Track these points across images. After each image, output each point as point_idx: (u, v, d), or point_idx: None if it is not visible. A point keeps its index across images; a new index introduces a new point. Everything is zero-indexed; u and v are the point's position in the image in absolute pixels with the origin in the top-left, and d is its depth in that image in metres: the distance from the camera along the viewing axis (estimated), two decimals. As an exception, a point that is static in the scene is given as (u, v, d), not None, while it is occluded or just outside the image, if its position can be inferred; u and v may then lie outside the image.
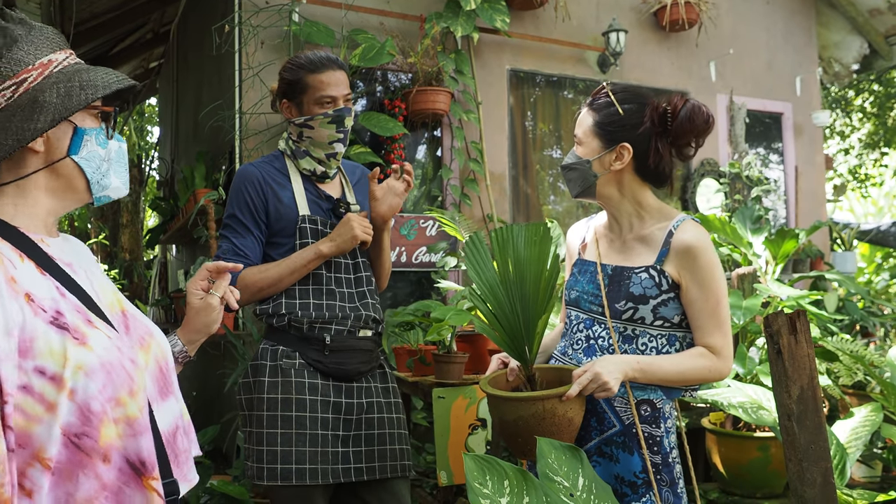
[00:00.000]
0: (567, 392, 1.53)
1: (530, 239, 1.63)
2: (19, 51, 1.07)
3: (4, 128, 1.05)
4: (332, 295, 2.03)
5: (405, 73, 4.53)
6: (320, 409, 1.96)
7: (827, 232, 6.30)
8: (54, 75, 1.09)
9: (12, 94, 1.06)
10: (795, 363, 1.15)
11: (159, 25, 7.04)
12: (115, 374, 1.04)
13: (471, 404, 2.84)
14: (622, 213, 1.77)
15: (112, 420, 1.02)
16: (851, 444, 2.47)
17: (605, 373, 1.54)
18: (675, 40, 5.55)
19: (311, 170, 2.09)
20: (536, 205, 5.06)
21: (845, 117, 10.63)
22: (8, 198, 1.11)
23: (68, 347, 1.01)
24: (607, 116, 1.73)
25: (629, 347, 1.68)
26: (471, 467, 1.31)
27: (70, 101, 1.08)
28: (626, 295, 1.68)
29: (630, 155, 1.71)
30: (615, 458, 1.68)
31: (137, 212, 9.93)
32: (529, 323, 1.59)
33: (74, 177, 1.15)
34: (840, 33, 6.61)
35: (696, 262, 1.64)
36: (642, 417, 1.67)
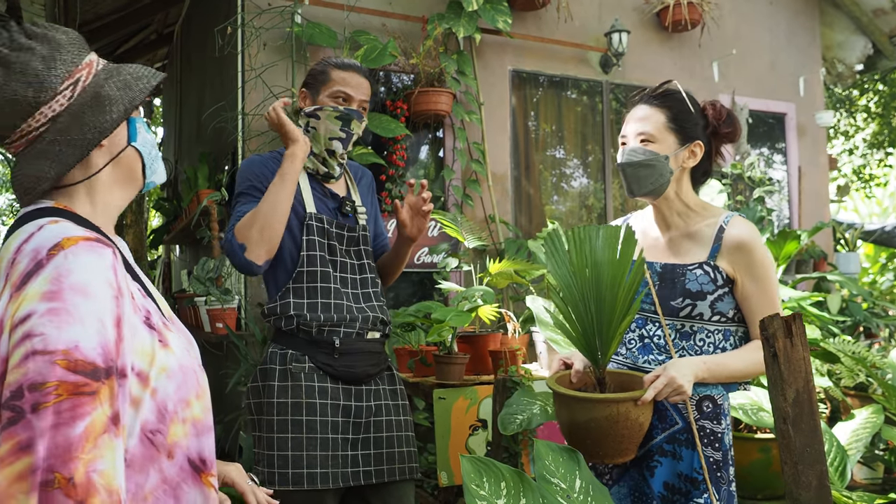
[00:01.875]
0: (643, 396, 1.53)
1: (608, 241, 1.60)
2: (67, 53, 1.10)
3: (78, 125, 1.08)
4: (339, 296, 2.02)
5: (407, 74, 4.54)
6: (330, 412, 1.95)
7: (830, 232, 6.28)
8: (101, 72, 1.13)
9: (72, 94, 1.09)
10: (791, 366, 1.15)
11: (163, 27, 7.06)
12: (187, 376, 1.10)
13: (471, 405, 2.85)
14: (672, 211, 1.79)
15: (181, 420, 1.07)
16: (852, 445, 2.47)
17: (679, 376, 1.54)
18: (677, 41, 5.54)
19: (314, 169, 2.09)
20: (539, 205, 5.06)
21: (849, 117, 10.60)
22: (82, 197, 1.14)
23: (156, 349, 1.06)
24: (682, 112, 1.74)
25: (686, 344, 1.69)
26: (468, 469, 1.31)
27: (131, 91, 1.13)
28: (683, 292, 1.69)
29: (702, 152, 1.74)
30: (678, 455, 1.68)
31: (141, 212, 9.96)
32: (604, 325, 1.57)
33: (135, 163, 1.19)
34: (844, 33, 6.59)
35: (750, 256, 1.67)
36: (704, 414, 1.68)
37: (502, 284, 3.39)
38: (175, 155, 7.12)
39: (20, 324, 0.92)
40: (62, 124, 1.08)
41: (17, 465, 0.86)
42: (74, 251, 0.97)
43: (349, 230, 2.08)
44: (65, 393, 0.89)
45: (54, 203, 1.11)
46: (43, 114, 1.08)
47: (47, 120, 1.08)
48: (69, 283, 0.94)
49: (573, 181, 5.24)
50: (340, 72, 2.04)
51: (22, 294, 0.95)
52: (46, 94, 1.07)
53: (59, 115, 1.08)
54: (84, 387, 0.90)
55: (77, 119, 1.08)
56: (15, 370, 0.90)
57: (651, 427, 1.69)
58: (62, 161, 1.08)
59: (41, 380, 0.89)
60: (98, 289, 0.96)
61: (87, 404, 0.90)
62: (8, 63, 1.06)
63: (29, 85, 1.06)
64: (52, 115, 1.08)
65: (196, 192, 4.59)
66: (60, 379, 0.89)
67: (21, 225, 1.07)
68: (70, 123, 1.08)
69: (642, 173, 1.75)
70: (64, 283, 0.94)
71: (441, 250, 4.21)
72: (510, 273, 3.28)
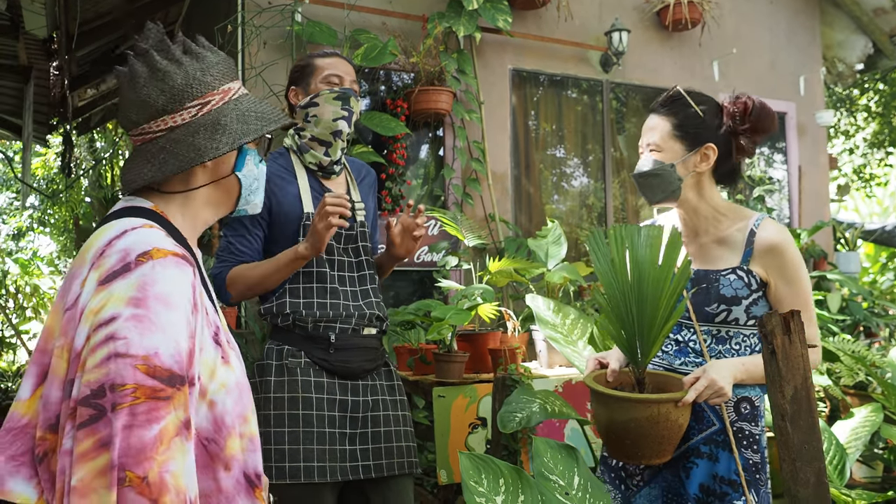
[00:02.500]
0: (684, 398, 1.53)
1: (650, 241, 1.59)
2: (210, 76, 1.18)
3: (186, 142, 1.15)
4: (335, 293, 2.03)
5: (407, 73, 4.54)
6: (327, 407, 1.97)
7: (831, 232, 6.28)
8: (232, 102, 1.21)
9: (197, 112, 1.17)
10: (789, 363, 1.15)
11: (164, 25, 7.06)
12: (244, 393, 1.16)
13: (471, 403, 2.85)
14: (699, 216, 1.77)
15: (238, 434, 1.12)
16: (851, 444, 2.47)
17: (719, 378, 1.54)
18: (677, 40, 5.54)
19: (317, 162, 2.09)
20: (539, 204, 5.06)
21: (850, 116, 10.60)
22: (176, 206, 1.21)
23: (217, 364, 1.11)
24: (688, 118, 1.73)
25: (723, 349, 1.69)
26: (466, 466, 1.31)
27: (248, 126, 1.20)
28: (717, 297, 1.68)
29: (715, 155, 1.72)
30: (715, 457, 1.67)
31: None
32: (646, 325, 1.56)
33: (233, 190, 1.26)
34: (844, 32, 6.59)
35: (783, 258, 1.66)
36: (742, 415, 1.67)
37: (502, 283, 3.39)
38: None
39: (104, 325, 0.97)
40: (177, 136, 1.16)
41: (99, 460, 0.91)
42: (162, 263, 1.03)
43: (347, 228, 2.08)
44: (142, 396, 0.94)
45: (153, 206, 1.18)
46: (164, 121, 1.16)
47: (166, 128, 1.16)
48: (154, 292, 1.00)
49: (573, 180, 5.24)
50: (325, 59, 2.10)
51: (107, 291, 0.99)
52: (174, 106, 1.15)
53: (178, 127, 1.16)
54: (160, 392, 0.95)
55: (190, 136, 1.16)
56: (96, 370, 0.95)
57: (688, 428, 1.68)
58: (160, 169, 1.15)
59: (121, 381, 0.94)
60: (179, 301, 1.02)
61: (162, 408, 0.95)
62: (155, 69, 1.15)
63: (163, 93, 1.15)
64: (173, 125, 1.16)
65: (196, 190, 4.59)
66: (139, 382, 0.94)
67: (118, 217, 1.12)
68: (183, 139, 1.16)
69: (651, 182, 1.76)
70: (149, 291, 1.00)
71: (441, 248, 4.21)
72: (510, 272, 3.28)
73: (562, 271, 3.16)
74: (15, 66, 5.94)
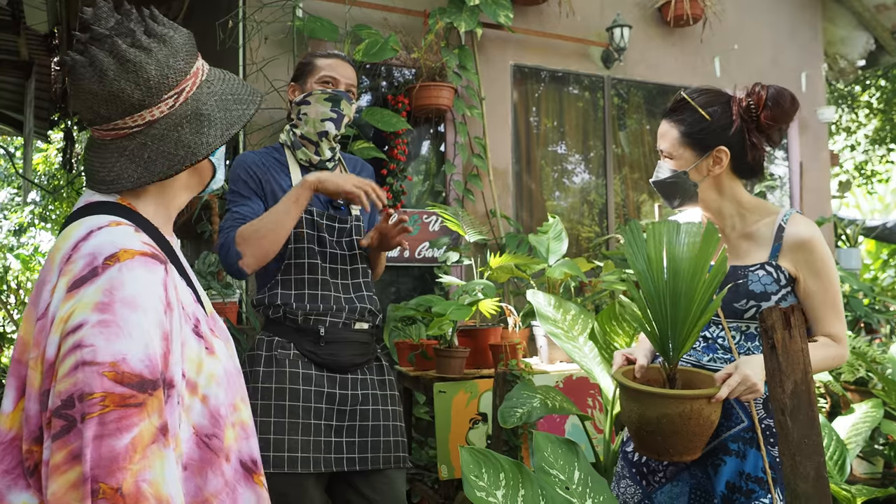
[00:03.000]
0: (717, 394, 1.52)
1: (690, 236, 1.58)
2: (181, 60, 1.10)
3: (173, 139, 1.09)
4: (326, 286, 2.05)
5: (408, 69, 4.53)
6: (314, 398, 1.99)
7: (832, 228, 6.28)
8: (204, 85, 1.14)
9: (174, 103, 1.10)
10: (789, 358, 1.15)
11: (164, 20, 7.05)
12: (232, 381, 1.14)
13: (472, 399, 2.85)
14: (724, 213, 1.77)
15: (231, 424, 1.10)
16: (851, 440, 2.47)
17: (752, 374, 1.53)
18: (679, 36, 5.53)
19: (307, 159, 2.12)
20: (540, 200, 5.06)
21: (851, 113, 10.59)
22: (150, 197, 1.15)
23: (203, 357, 1.08)
24: (694, 124, 1.72)
25: (752, 345, 1.68)
26: (467, 460, 1.32)
27: (230, 114, 1.14)
28: (747, 293, 1.67)
29: (728, 157, 1.71)
30: (743, 454, 1.66)
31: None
32: (679, 320, 1.55)
33: (207, 172, 1.22)
34: (846, 29, 6.58)
35: (812, 254, 1.65)
36: (771, 413, 1.66)
37: (503, 279, 3.39)
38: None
39: (71, 333, 0.94)
40: (158, 131, 1.09)
41: (71, 473, 0.88)
42: (130, 265, 0.99)
43: (340, 221, 2.10)
44: (111, 404, 0.91)
45: (119, 198, 1.12)
46: (142, 116, 1.08)
47: (144, 122, 1.09)
48: (121, 296, 0.96)
49: (574, 176, 5.24)
50: (325, 59, 2.13)
51: (75, 298, 0.96)
52: (151, 100, 1.08)
53: (157, 121, 1.09)
54: (130, 399, 0.92)
55: (174, 132, 1.10)
56: (65, 379, 0.92)
57: (717, 425, 1.66)
58: (150, 170, 1.09)
59: (88, 390, 0.91)
60: (148, 303, 0.98)
61: (133, 416, 0.92)
62: (124, 59, 1.05)
63: (138, 87, 1.06)
64: (151, 119, 1.09)
65: (197, 186, 4.59)
66: (107, 390, 0.91)
67: (83, 216, 1.07)
68: (166, 134, 1.09)
69: (668, 189, 1.78)
70: (116, 295, 0.96)
71: (442, 244, 4.21)
72: (511, 267, 3.29)
73: (563, 267, 3.16)
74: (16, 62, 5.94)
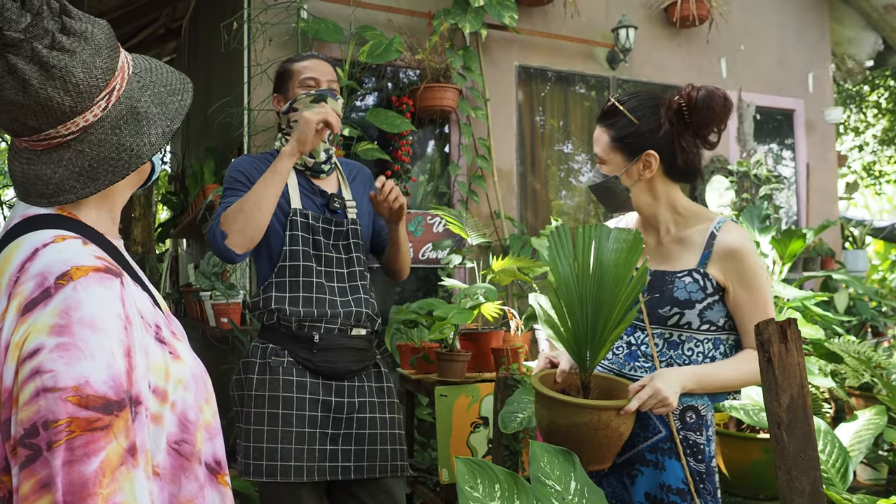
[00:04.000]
0: (626, 406, 1.50)
1: (619, 244, 1.55)
2: (105, 58, 1.03)
3: (113, 143, 1.03)
4: (321, 290, 2.03)
5: (413, 70, 4.53)
6: (308, 406, 1.97)
7: (839, 229, 6.25)
8: (132, 78, 1.07)
9: (106, 104, 1.03)
10: (785, 372, 1.15)
11: (171, 20, 7.07)
12: (198, 383, 1.10)
13: (473, 402, 2.85)
14: (659, 218, 1.74)
15: (198, 426, 1.08)
16: (854, 447, 2.46)
17: (664, 388, 1.51)
18: (685, 36, 5.51)
19: (303, 163, 2.11)
20: (545, 200, 5.05)
21: (860, 113, 10.52)
22: (91, 202, 1.09)
23: (168, 362, 1.04)
24: (623, 129, 1.70)
25: (675, 353, 1.65)
26: (462, 470, 1.31)
27: (167, 109, 1.08)
28: (671, 300, 1.64)
29: (657, 161, 1.68)
30: (661, 465, 1.64)
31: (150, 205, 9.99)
32: (598, 329, 1.53)
33: (146, 167, 1.16)
34: (854, 29, 6.54)
35: (742, 264, 1.62)
36: (687, 424, 1.63)
37: (506, 282, 3.39)
38: (182, 148, 7.14)
39: (28, 358, 0.90)
40: (95, 136, 1.03)
41: (41, 502, 0.86)
42: (84, 283, 0.94)
43: (336, 224, 2.09)
44: (77, 429, 0.88)
45: (58, 209, 1.06)
46: (75, 123, 1.01)
47: (78, 129, 1.02)
48: (78, 316, 0.92)
49: (580, 177, 5.23)
50: (300, 63, 2.11)
51: (29, 321, 0.92)
52: (84, 105, 1.00)
53: (92, 125, 1.02)
54: (96, 422, 0.89)
55: (113, 135, 1.03)
56: (26, 407, 0.89)
57: (633, 435, 1.65)
58: (95, 180, 1.03)
59: (53, 417, 0.88)
60: (107, 321, 0.94)
61: (100, 439, 0.89)
62: (47, 66, 0.97)
63: (67, 93, 0.99)
64: (85, 124, 1.02)
65: (202, 186, 4.60)
66: (72, 415, 0.88)
67: (22, 232, 1.02)
68: (104, 139, 1.03)
69: (602, 195, 1.77)
70: (73, 316, 0.92)
71: (445, 246, 4.21)
72: (513, 270, 3.28)
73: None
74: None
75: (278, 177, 1.92)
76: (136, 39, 7.26)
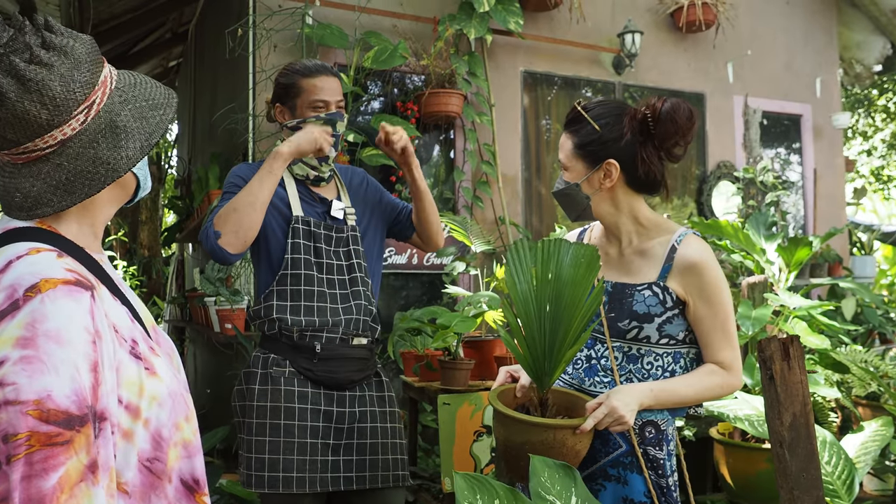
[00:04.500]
0: (581, 426, 1.48)
1: (577, 259, 1.53)
2: (85, 71, 1.03)
3: (90, 157, 1.03)
4: (322, 298, 2.02)
5: (418, 76, 4.53)
6: (310, 417, 1.96)
7: (846, 235, 6.21)
8: (114, 92, 1.07)
9: (85, 118, 1.03)
10: (788, 390, 1.13)
11: (178, 25, 7.10)
12: (176, 400, 1.08)
13: (476, 411, 2.84)
14: (621, 229, 1.72)
15: (174, 444, 1.06)
16: (860, 458, 2.44)
17: (621, 406, 1.49)
18: (691, 41, 5.49)
19: (304, 175, 2.10)
20: (551, 206, 5.04)
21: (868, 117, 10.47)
22: (72, 215, 1.09)
23: (143, 378, 1.03)
24: (586, 136, 1.67)
25: (634, 367, 1.63)
26: (461, 486, 1.30)
27: (147, 123, 1.07)
28: (630, 314, 1.62)
29: (618, 170, 1.66)
30: (623, 479, 1.62)
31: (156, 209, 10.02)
32: (556, 346, 1.51)
33: (129, 184, 1.16)
34: (862, 33, 6.51)
35: (702, 278, 1.59)
36: (647, 439, 1.62)
37: (510, 289, 3.37)
38: (189, 153, 7.16)
39: None
40: (73, 150, 1.03)
41: None
42: (52, 296, 0.94)
43: (337, 231, 2.08)
44: (37, 444, 0.87)
45: (38, 222, 1.06)
46: (53, 136, 1.02)
47: (56, 143, 1.02)
48: (44, 329, 0.91)
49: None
50: (310, 79, 2.05)
51: None
52: (61, 118, 1.01)
53: (70, 139, 1.03)
54: (57, 437, 0.88)
55: (90, 149, 1.04)
56: None
57: (594, 450, 1.64)
58: (71, 193, 1.03)
59: (13, 431, 0.87)
60: (73, 335, 0.93)
61: (60, 454, 0.88)
62: (24, 79, 0.98)
63: (44, 106, 0.99)
64: (63, 138, 1.02)
65: (207, 191, 4.60)
66: (32, 429, 0.87)
67: (0, 245, 1.02)
68: (82, 152, 1.03)
69: (564, 201, 1.74)
70: (38, 329, 0.91)
71: (448, 253, 4.20)
72: (518, 277, 3.26)
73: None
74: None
75: (272, 177, 1.90)
76: (144, 43, 7.28)
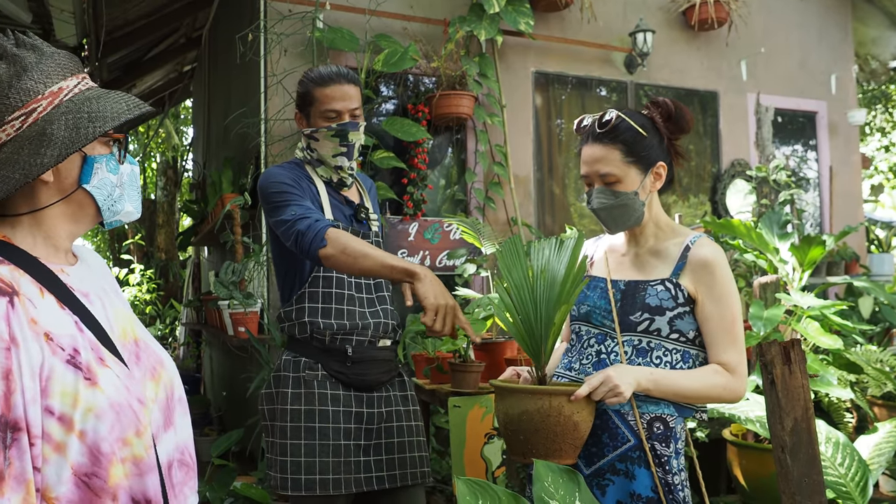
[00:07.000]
0: (576, 392, 1.51)
1: (564, 245, 1.63)
2: (29, 80, 1.04)
3: (12, 161, 1.03)
4: (352, 301, 2.05)
5: (429, 78, 4.54)
6: (343, 419, 1.99)
7: (864, 232, 6.14)
8: (64, 104, 1.07)
9: (21, 125, 1.03)
10: (789, 394, 1.13)
11: (192, 30, 7.15)
12: (124, 414, 1.04)
13: (487, 413, 2.84)
14: (646, 230, 1.76)
15: (119, 460, 1.03)
16: (874, 460, 2.41)
17: (616, 377, 1.51)
18: (704, 39, 5.45)
19: (328, 178, 2.12)
20: (564, 206, 5.03)
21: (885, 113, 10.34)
22: (25, 228, 1.10)
23: (80, 389, 1.00)
24: (635, 142, 1.69)
25: (643, 361, 1.65)
26: (463, 492, 1.31)
27: (78, 133, 1.06)
28: (642, 306, 1.66)
29: (666, 171, 1.71)
30: (631, 474, 1.64)
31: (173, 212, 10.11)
32: (549, 320, 1.57)
33: (86, 204, 1.14)
34: (878, 29, 6.43)
35: (712, 276, 1.63)
36: (654, 435, 1.63)
37: (521, 290, 3.37)
38: (203, 157, 7.22)
39: None
40: (4, 155, 1.03)
41: None
42: None
43: (363, 235, 2.10)
44: None
45: None
46: None
47: None
48: None
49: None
50: (322, 89, 2.03)
51: None
52: None
53: (4, 144, 1.03)
54: None
55: (15, 154, 1.03)
56: None
57: (602, 445, 1.66)
58: None
59: None
60: None
61: None
62: None
63: None
64: None
65: (220, 195, 4.64)
66: None
67: None
68: (9, 157, 1.03)
69: (617, 213, 1.72)
70: None
71: (459, 255, 4.20)
72: (528, 279, 3.26)
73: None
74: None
75: (385, 271, 1.77)
76: (159, 49, 7.35)
